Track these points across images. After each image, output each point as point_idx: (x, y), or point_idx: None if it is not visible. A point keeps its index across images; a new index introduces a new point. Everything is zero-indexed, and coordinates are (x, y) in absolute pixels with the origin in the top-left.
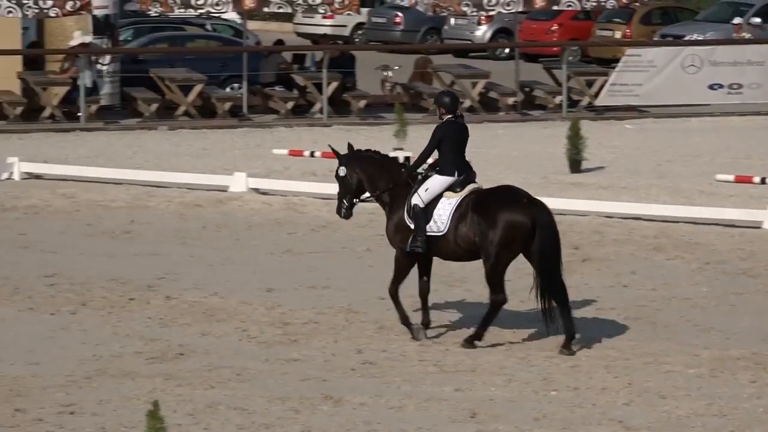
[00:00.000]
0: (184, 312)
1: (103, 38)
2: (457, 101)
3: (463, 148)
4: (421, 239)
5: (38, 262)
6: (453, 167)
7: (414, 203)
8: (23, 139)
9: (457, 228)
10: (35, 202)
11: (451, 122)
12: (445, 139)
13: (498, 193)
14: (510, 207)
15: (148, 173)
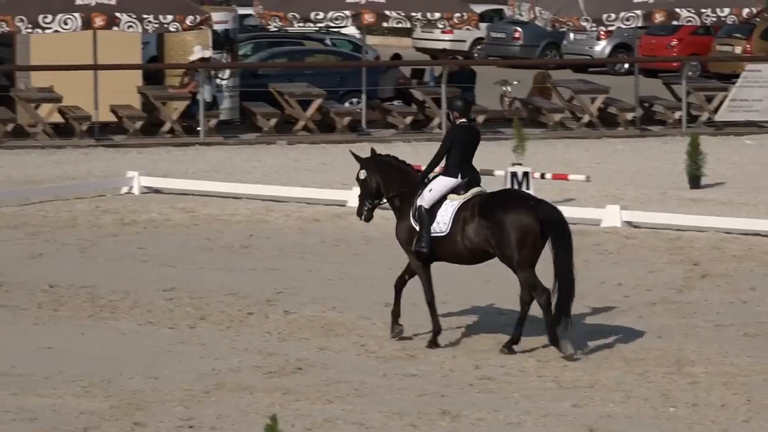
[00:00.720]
0: (302, 326)
1: (223, 53)
2: (470, 106)
3: (472, 151)
4: (425, 239)
5: (157, 276)
6: (457, 170)
7: (419, 204)
8: (143, 153)
9: (463, 230)
10: (154, 217)
11: (463, 126)
12: (455, 142)
13: (504, 196)
14: (517, 209)
15: (267, 188)
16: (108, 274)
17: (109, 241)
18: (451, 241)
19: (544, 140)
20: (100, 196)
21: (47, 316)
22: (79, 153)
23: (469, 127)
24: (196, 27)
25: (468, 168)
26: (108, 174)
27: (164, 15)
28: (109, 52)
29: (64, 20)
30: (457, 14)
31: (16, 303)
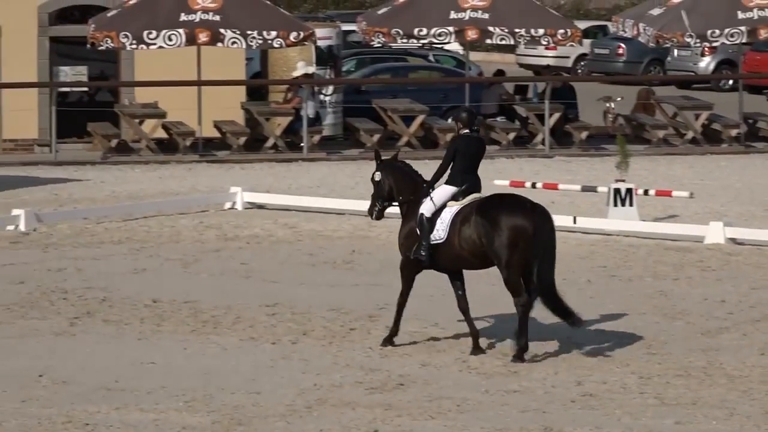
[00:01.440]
0: (404, 342)
1: (326, 69)
2: (474, 117)
3: (476, 161)
4: (424, 248)
5: (260, 292)
6: (460, 179)
7: (421, 212)
8: (246, 169)
9: (460, 231)
10: (257, 232)
11: (467, 136)
12: (459, 152)
13: (502, 199)
14: (514, 211)
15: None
16: (211, 290)
17: (212, 256)
18: (449, 245)
19: (648, 156)
20: (203, 212)
21: (150, 331)
22: (183, 168)
23: (473, 138)
24: (299, 43)
25: (471, 177)
26: (211, 189)
27: (268, 31)
28: (213, 68)
29: (169, 36)
30: (561, 30)
31: (119, 318)
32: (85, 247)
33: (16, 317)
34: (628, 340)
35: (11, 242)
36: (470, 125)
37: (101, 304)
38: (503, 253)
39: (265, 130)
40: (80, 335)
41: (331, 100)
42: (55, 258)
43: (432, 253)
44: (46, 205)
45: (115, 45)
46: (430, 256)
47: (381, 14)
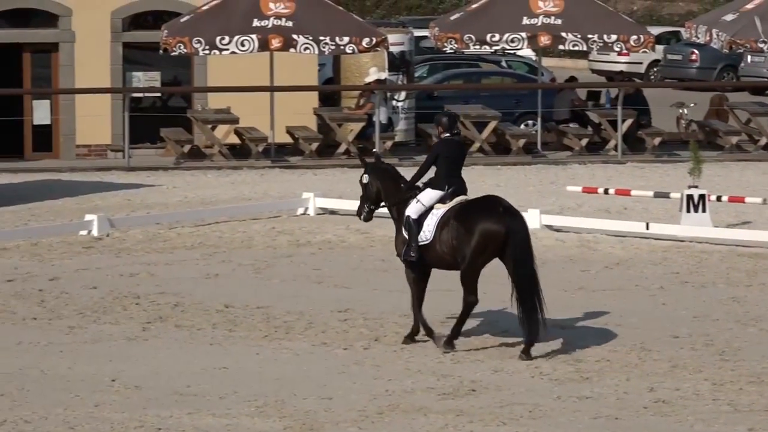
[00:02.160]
0: (476, 348)
1: (399, 75)
2: (455, 121)
3: (459, 164)
4: (413, 248)
5: (332, 297)
6: (444, 182)
7: (407, 214)
8: (318, 174)
9: (440, 235)
10: (329, 238)
11: (448, 140)
12: (440, 156)
13: (478, 203)
14: (486, 216)
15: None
16: (283, 295)
17: (284, 261)
18: (433, 247)
19: (721, 163)
20: (275, 217)
21: (222, 336)
22: (255, 174)
23: (454, 141)
24: (372, 49)
25: (455, 180)
26: (283, 195)
27: (341, 37)
28: (285, 73)
29: (242, 42)
30: (634, 36)
31: (191, 323)
32: (157, 252)
33: (88, 322)
34: (701, 347)
35: (84, 247)
36: (451, 129)
37: (173, 309)
38: (468, 253)
39: (337, 135)
40: (152, 340)
41: (404, 105)
42: (128, 263)
43: (422, 254)
44: (119, 211)
45: (187, 51)
46: (421, 257)
47: (453, 20)
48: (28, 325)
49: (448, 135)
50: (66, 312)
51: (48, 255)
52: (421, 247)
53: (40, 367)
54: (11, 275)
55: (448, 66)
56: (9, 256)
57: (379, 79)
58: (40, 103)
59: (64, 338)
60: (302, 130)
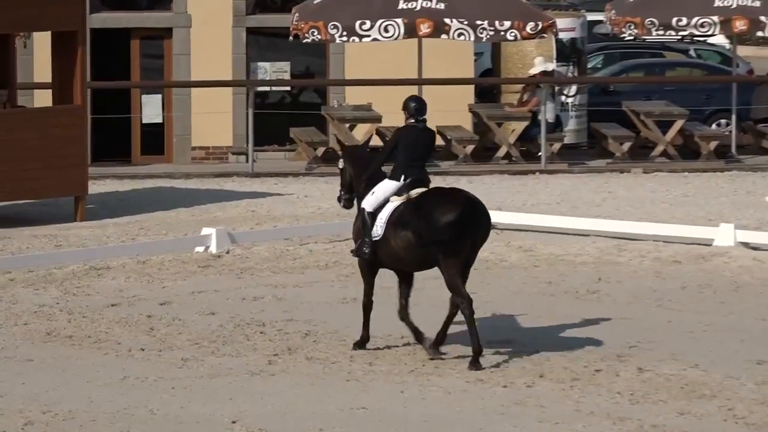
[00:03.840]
0: (659, 387)
1: (569, 65)
2: (423, 106)
3: (420, 153)
4: (367, 245)
5: (489, 326)
6: (401, 172)
7: (362, 206)
8: (474, 182)
9: (395, 228)
10: (487, 256)
11: (410, 127)
12: (400, 143)
13: (439, 192)
14: (447, 207)
15: (619, 223)
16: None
17: (433, 284)
18: (387, 243)
19: None
20: None
21: (361, 371)
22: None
23: (416, 128)
24: (537, 35)
25: (415, 170)
26: None
27: (501, 21)
28: (435, 64)
29: (385, 27)
30: None
31: (325, 355)
32: (286, 272)
33: (205, 354)
34: None
35: (201, 266)
36: (417, 115)
37: (304, 339)
38: (440, 255)
39: (496, 136)
40: (280, 375)
41: (574, 102)
42: (252, 285)
43: (375, 251)
44: (241, 224)
45: (322, 37)
46: (375, 254)
47: (633, 1)
48: (134, 356)
49: (412, 121)
50: (179, 342)
51: (158, 275)
52: (374, 243)
53: (149, 405)
54: (116, 299)
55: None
56: (113, 277)
57: (545, 71)
58: (150, 98)
59: (176, 372)
60: (455, 131)
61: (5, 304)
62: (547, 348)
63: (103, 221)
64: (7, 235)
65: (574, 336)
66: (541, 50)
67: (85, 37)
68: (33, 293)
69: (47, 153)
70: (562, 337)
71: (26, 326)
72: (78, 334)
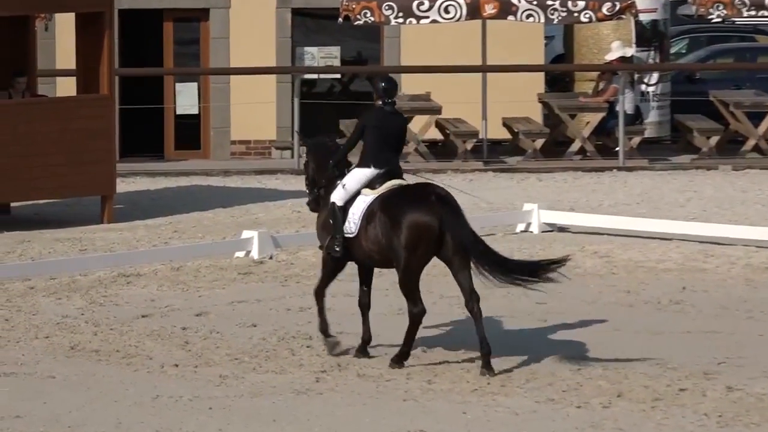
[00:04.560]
0: (750, 408)
1: (650, 50)
2: (393, 87)
3: (391, 139)
4: (338, 241)
5: (561, 340)
6: (370, 161)
7: (332, 200)
8: (544, 180)
9: (366, 229)
10: None
11: (378, 110)
12: (368, 128)
13: (408, 191)
14: (415, 206)
15: (706, 226)
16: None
17: (499, 293)
18: (359, 241)
19: None
20: (488, 235)
21: (419, 390)
22: (462, 179)
23: (386, 111)
24: (615, 16)
25: (385, 158)
26: (499, 207)
27: (574, 1)
28: (501, 49)
29: (445, 7)
30: None
31: (378, 371)
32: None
33: (246, 370)
34: None
35: (241, 273)
36: (385, 96)
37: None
38: (400, 255)
39: (568, 129)
40: (328, 394)
41: (656, 91)
42: (297, 294)
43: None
44: (285, 226)
45: (375, 19)
46: (346, 250)
47: None
48: (167, 373)
49: (380, 103)
50: (216, 357)
51: (194, 283)
52: (347, 240)
53: (183, 428)
54: (147, 309)
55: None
56: (144, 284)
57: (624, 57)
58: (184, 87)
59: (213, 391)
60: (523, 123)
61: (25, 315)
62: (625, 364)
63: (132, 223)
64: (27, 239)
65: (656, 351)
66: (618, 33)
67: (112, 19)
68: (55, 303)
69: (71, 147)
70: (642, 352)
71: (48, 339)
72: (105, 349)
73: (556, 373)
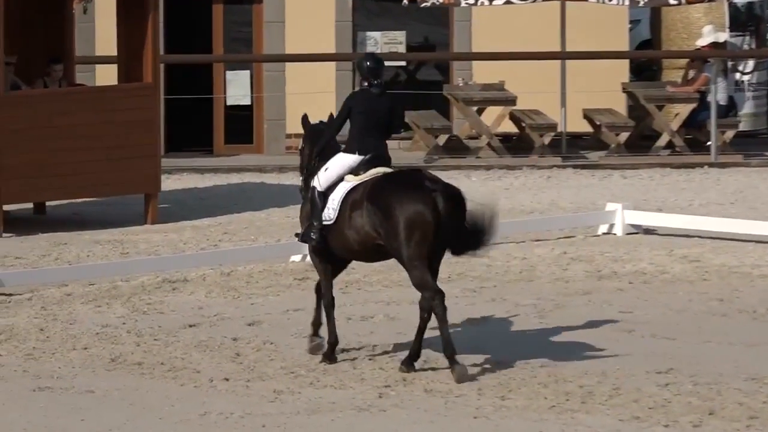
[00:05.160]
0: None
1: (745, 35)
2: (379, 67)
3: (380, 123)
4: (315, 229)
5: (647, 352)
6: (355, 145)
7: (312, 185)
8: (629, 177)
9: (350, 218)
10: (644, 267)
11: (363, 91)
12: (353, 111)
13: (397, 178)
14: (409, 192)
15: None
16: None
17: (580, 301)
18: (338, 230)
19: None
20: (567, 238)
21: (491, 407)
22: (539, 176)
23: (371, 92)
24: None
25: (372, 143)
26: (579, 206)
27: None
28: (581, 33)
29: None
30: None
31: (448, 387)
32: (400, 286)
33: (302, 385)
34: None
35: (297, 279)
36: (371, 77)
37: (422, 367)
38: (404, 250)
39: (656, 122)
40: (392, 411)
41: (751, 80)
42: (359, 301)
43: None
44: None
45: (444, 1)
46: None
47: None
48: (217, 388)
49: (365, 84)
50: (270, 370)
51: (246, 290)
52: (325, 227)
53: None
54: (194, 318)
55: None
56: (191, 291)
57: (716, 42)
58: (235, 76)
59: (267, 408)
60: (606, 115)
61: (61, 324)
62: (717, 379)
63: (179, 224)
64: (64, 241)
65: (751, 365)
66: (710, 17)
67: (157, 1)
68: (94, 311)
69: (112, 142)
70: (735, 365)
71: (86, 351)
72: (149, 361)
73: (642, 388)
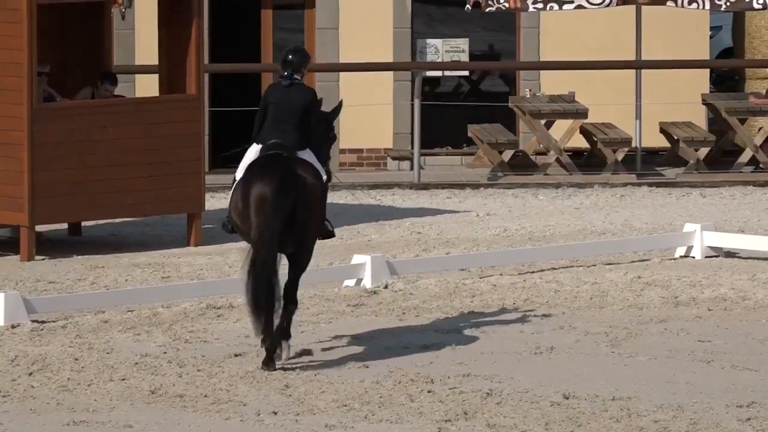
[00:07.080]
0: None
1: None
2: (296, 59)
3: (288, 115)
4: (227, 217)
5: (728, 384)
6: (263, 135)
7: (234, 176)
8: (709, 196)
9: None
10: (725, 293)
11: (275, 84)
12: (268, 104)
13: (253, 165)
14: (254, 179)
15: None
16: (652, 380)
17: (655, 329)
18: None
19: None
20: (641, 261)
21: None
22: (612, 194)
23: (281, 85)
24: None
25: (277, 135)
26: (655, 227)
27: None
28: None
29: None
30: None
31: (512, 421)
32: (461, 312)
33: (356, 419)
34: None
35: (351, 305)
36: (283, 69)
37: (485, 400)
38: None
39: (738, 136)
40: None
41: None
42: (417, 329)
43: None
44: (403, 249)
45: (510, 5)
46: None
47: None
48: (264, 422)
49: (280, 78)
50: (321, 403)
51: (295, 316)
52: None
53: None
54: (240, 347)
55: None
56: (237, 318)
57: None
58: None
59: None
60: (684, 129)
61: (98, 353)
62: None
63: (224, 246)
64: (101, 264)
65: None
66: None
67: (201, 6)
68: (133, 339)
69: (152, 157)
70: None
71: (124, 382)
72: (191, 393)
73: (722, 423)
